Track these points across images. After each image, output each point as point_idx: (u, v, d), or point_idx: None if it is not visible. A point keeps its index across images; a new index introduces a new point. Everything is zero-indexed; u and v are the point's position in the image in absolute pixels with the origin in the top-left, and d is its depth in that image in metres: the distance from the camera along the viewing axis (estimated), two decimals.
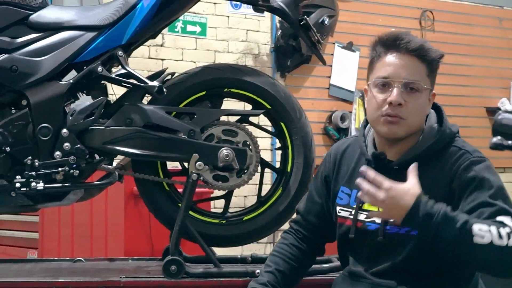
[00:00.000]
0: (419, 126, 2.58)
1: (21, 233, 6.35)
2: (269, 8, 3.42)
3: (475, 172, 2.47)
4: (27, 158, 3.24)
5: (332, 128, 8.07)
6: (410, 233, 2.50)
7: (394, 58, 2.54)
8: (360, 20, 8.30)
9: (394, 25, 8.44)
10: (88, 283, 3.18)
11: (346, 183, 2.72)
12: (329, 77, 8.15)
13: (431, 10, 8.81)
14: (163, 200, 3.43)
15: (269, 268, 2.77)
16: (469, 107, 8.97)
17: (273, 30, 7.89)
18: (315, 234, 2.86)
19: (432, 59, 2.56)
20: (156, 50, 7.24)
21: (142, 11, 3.31)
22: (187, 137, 3.30)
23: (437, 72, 2.60)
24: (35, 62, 3.27)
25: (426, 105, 2.58)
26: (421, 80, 2.53)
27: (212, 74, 3.42)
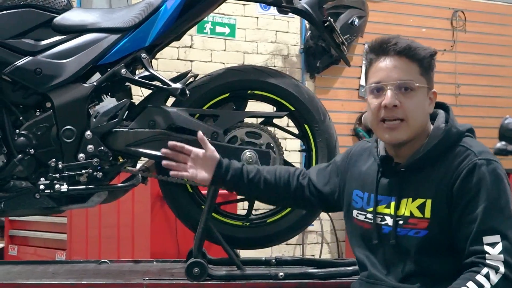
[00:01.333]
0: (421, 126, 2.54)
1: (50, 234, 6.40)
2: (292, 9, 3.40)
3: (476, 179, 2.41)
4: (51, 160, 3.26)
5: (362, 129, 8.03)
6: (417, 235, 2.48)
7: (384, 62, 2.52)
8: (391, 20, 8.24)
9: (425, 25, 8.40)
10: (111, 285, 3.18)
11: (359, 186, 2.70)
12: (359, 78, 8.11)
13: (463, 10, 8.72)
14: (186, 202, 3.43)
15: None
16: (503, 108, 8.86)
17: (302, 31, 7.86)
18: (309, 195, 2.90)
19: (422, 57, 2.52)
20: (185, 52, 7.25)
21: (165, 13, 3.31)
22: (211, 139, 3.29)
23: (433, 70, 2.56)
24: (59, 64, 3.28)
25: (425, 104, 2.54)
26: (414, 79, 2.50)
27: (235, 76, 3.40)
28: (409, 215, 2.50)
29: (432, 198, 2.47)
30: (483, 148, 2.49)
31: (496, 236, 2.35)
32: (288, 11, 3.49)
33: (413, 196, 2.50)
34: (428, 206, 2.47)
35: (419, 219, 2.48)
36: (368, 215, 2.63)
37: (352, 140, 7.98)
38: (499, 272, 2.32)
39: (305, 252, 7.89)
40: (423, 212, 2.47)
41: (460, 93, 8.61)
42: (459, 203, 2.43)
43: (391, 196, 2.56)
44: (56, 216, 5.88)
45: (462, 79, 8.63)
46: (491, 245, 2.35)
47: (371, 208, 2.62)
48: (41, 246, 6.51)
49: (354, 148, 2.84)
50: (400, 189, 2.54)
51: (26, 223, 6.68)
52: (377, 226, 2.58)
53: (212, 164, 2.88)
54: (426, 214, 2.47)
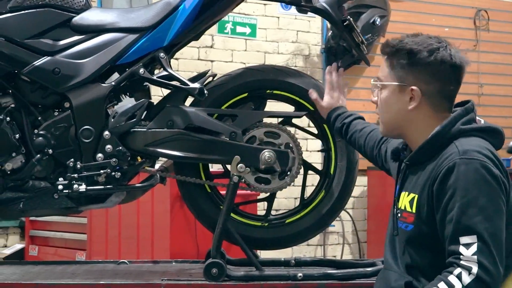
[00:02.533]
0: (395, 123, 2.58)
1: (71, 234, 6.41)
2: (311, 8, 3.38)
3: (454, 178, 2.36)
4: (70, 160, 3.26)
5: None
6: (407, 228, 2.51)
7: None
8: (413, 20, 8.19)
9: (448, 25, 8.34)
10: (129, 286, 3.18)
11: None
12: None
13: (486, 10, 8.65)
14: (205, 202, 3.41)
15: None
16: None
17: (323, 31, 7.84)
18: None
19: (392, 53, 2.56)
20: (206, 52, 7.25)
21: (184, 12, 3.30)
22: (229, 139, 3.28)
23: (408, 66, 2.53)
24: (78, 64, 3.28)
25: (397, 101, 2.55)
26: (383, 77, 2.59)
27: (254, 76, 3.39)
28: (403, 208, 2.55)
29: (418, 194, 2.48)
30: (471, 147, 2.41)
31: (473, 237, 2.30)
32: (307, 10, 3.47)
33: (409, 190, 2.54)
34: (415, 202, 2.49)
35: (408, 214, 2.51)
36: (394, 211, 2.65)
37: None
38: (472, 273, 2.27)
39: (326, 253, 7.86)
40: (412, 207, 2.50)
41: (483, 93, 8.54)
42: (440, 203, 2.40)
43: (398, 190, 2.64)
44: (76, 217, 5.89)
45: (485, 79, 8.56)
46: (466, 245, 2.30)
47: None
48: (62, 247, 6.52)
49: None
50: (401, 182, 2.61)
51: (46, 223, 6.70)
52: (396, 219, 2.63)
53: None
54: (413, 209, 2.49)
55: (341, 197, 3.43)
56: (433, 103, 2.55)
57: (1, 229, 7.13)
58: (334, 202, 3.43)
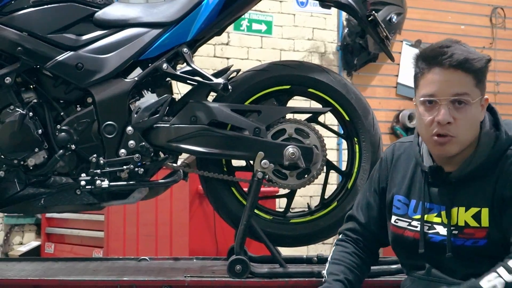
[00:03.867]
0: (473, 137, 2.46)
1: (87, 232, 6.40)
2: (336, 4, 3.34)
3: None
4: (92, 156, 3.24)
5: (400, 127, 7.96)
6: (476, 244, 2.43)
7: (438, 74, 2.42)
8: (429, 17, 8.17)
9: (464, 22, 8.31)
10: (152, 282, 3.15)
11: (403, 192, 2.61)
12: (397, 75, 8.05)
13: (502, 7, 8.62)
14: (228, 198, 3.39)
15: (337, 277, 2.65)
16: None
17: (339, 28, 7.81)
18: (375, 242, 2.77)
19: (478, 68, 2.41)
20: (222, 49, 7.23)
21: (207, 7, 3.27)
22: (253, 135, 3.25)
23: (485, 77, 2.46)
24: (100, 59, 3.26)
25: (479, 115, 2.46)
26: (469, 93, 2.40)
27: (279, 71, 3.36)
28: (463, 225, 2.44)
29: (488, 207, 2.41)
30: None
31: None
32: (331, 5, 3.44)
33: (466, 205, 2.44)
34: (485, 215, 2.41)
35: (476, 229, 2.42)
36: (413, 223, 2.56)
37: (390, 138, 7.90)
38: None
39: None
40: (479, 221, 2.42)
41: (500, 91, 8.51)
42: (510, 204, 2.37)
43: (440, 205, 2.50)
44: (93, 214, 5.88)
45: (501, 77, 8.53)
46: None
47: (418, 215, 2.55)
48: (78, 244, 6.52)
49: (389, 155, 2.73)
50: (451, 198, 2.48)
51: (62, 221, 6.69)
52: (424, 235, 2.51)
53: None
54: (483, 223, 2.41)
55: None
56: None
57: (17, 227, 7.14)
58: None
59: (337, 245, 2.78)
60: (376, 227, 2.73)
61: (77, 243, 6.54)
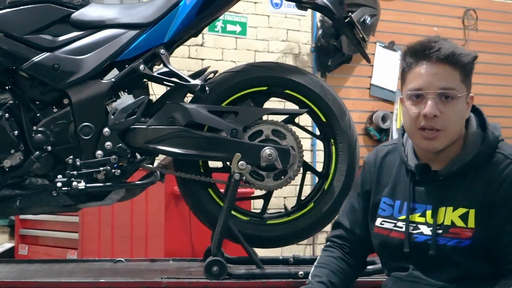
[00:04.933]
0: (459, 133, 2.48)
1: (62, 233, 6.36)
2: (313, 5, 3.36)
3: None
4: (69, 157, 3.22)
5: (373, 128, 8.00)
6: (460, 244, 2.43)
7: (425, 68, 2.43)
8: (403, 19, 8.21)
9: (437, 24, 8.36)
10: (130, 284, 3.14)
11: (388, 194, 2.61)
12: (370, 77, 8.08)
13: (475, 9, 8.68)
14: (205, 200, 3.39)
15: (320, 279, 2.64)
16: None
17: (314, 30, 7.83)
18: (361, 247, 2.75)
19: (465, 64, 2.43)
20: (196, 50, 7.22)
21: (184, 9, 3.28)
22: (230, 136, 3.25)
23: (472, 74, 2.49)
24: (77, 60, 3.25)
25: (464, 111, 2.47)
26: (456, 87, 2.42)
27: (257, 73, 3.36)
28: (449, 224, 2.44)
29: (476, 208, 2.41)
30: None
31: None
32: (308, 7, 3.46)
33: (454, 205, 2.44)
34: (472, 216, 2.41)
35: (462, 229, 2.42)
36: (398, 224, 2.56)
37: (363, 139, 7.94)
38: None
39: (315, 252, 7.85)
40: (466, 222, 2.42)
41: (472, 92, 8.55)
42: (501, 210, 2.38)
43: (426, 204, 2.50)
44: (68, 215, 5.85)
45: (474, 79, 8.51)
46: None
47: (403, 216, 2.55)
48: (52, 246, 6.47)
49: (372, 159, 2.72)
50: (438, 197, 2.48)
51: (37, 222, 6.65)
52: (409, 235, 2.51)
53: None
54: (469, 224, 2.41)
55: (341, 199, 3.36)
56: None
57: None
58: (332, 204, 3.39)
59: (324, 250, 2.78)
60: (361, 231, 2.72)
61: (51, 244, 6.50)
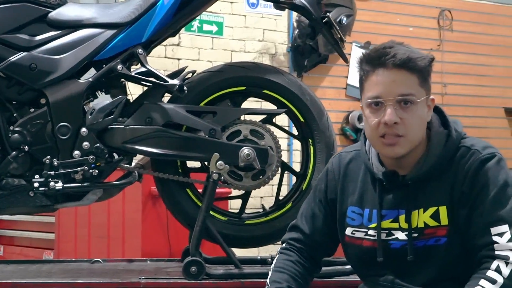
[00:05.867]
0: (421, 137, 2.46)
1: (37, 233, 6.32)
2: (291, 5, 3.37)
3: (483, 174, 2.37)
4: (46, 158, 3.21)
5: (350, 128, 8.02)
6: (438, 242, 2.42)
7: (382, 75, 2.39)
8: (379, 19, 8.24)
9: (412, 24, 8.40)
10: (107, 284, 3.13)
11: (356, 202, 2.58)
12: (347, 77, 8.10)
13: (450, 10, 8.73)
14: (183, 200, 3.38)
15: (279, 285, 2.61)
16: (489, 107, 8.89)
17: (290, 30, 7.84)
18: (319, 252, 2.73)
19: (422, 67, 2.41)
20: (173, 50, 7.21)
21: (162, 9, 3.27)
22: (208, 136, 3.25)
23: (430, 77, 2.46)
24: (54, 60, 3.23)
25: (425, 115, 2.45)
26: (414, 93, 2.38)
27: (235, 72, 3.36)
28: (423, 226, 2.42)
29: (446, 204, 2.40)
30: (484, 143, 2.45)
31: (504, 226, 2.31)
32: (285, 7, 3.46)
33: (424, 206, 2.43)
34: (444, 213, 2.40)
35: (436, 228, 2.41)
36: (370, 232, 2.52)
37: (339, 139, 7.95)
38: (509, 262, 2.28)
39: None
40: (439, 220, 2.41)
41: (447, 92, 8.61)
42: (468, 200, 2.38)
43: (398, 209, 2.47)
44: (44, 215, 5.81)
45: (448, 79, 8.63)
46: (499, 235, 2.30)
47: (374, 224, 2.51)
48: (28, 246, 6.43)
49: (335, 166, 2.67)
50: (409, 201, 2.45)
51: (12, 222, 6.61)
52: (383, 242, 2.49)
53: None
54: (442, 221, 2.40)
55: None
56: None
57: None
58: None
59: (281, 253, 2.74)
60: (320, 237, 2.68)
61: (27, 245, 6.46)
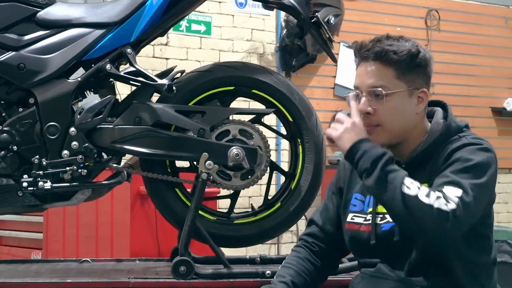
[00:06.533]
0: (403, 128, 2.53)
1: (26, 233, 6.31)
2: (280, 5, 3.37)
3: (459, 152, 2.42)
4: (35, 157, 3.20)
5: None
6: None
7: (361, 67, 2.56)
8: (366, 19, 8.26)
9: (400, 24, 8.43)
10: (96, 284, 3.13)
11: (360, 190, 2.67)
12: (334, 76, 8.12)
13: (437, 10, 8.77)
14: (172, 199, 3.38)
15: (283, 279, 2.67)
16: (476, 107, 8.93)
17: (278, 30, 7.85)
18: (331, 246, 2.78)
19: (396, 60, 2.50)
20: (161, 49, 7.21)
21: (151, 8, 3.27)
22: (197, 136, 3.25)
23: (421, 69, 2.54)
24: (43, 60, 3.23)
25: (408, 106, 2.52)
26: (387, 84, 2.50)
27: (223, 72, 3.36)
28: None
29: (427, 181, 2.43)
30: (479, 138, 2.50)
31: (458, 190, 2.33)
32: (274, 7, 3.47)
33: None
34: None
35: None
36: (367, 217, 2.60)
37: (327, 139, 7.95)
38: (446, 206, 2.29)
39: (280, 252, 7.87)
40: None
41: (434, 92, 8.60)
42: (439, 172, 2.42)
43: None
44: (32, 215, 5.80)
45: (436, 78, 8.56)
46: (450, 190, 2.32)
47: (371, 209, 2.59)
48: (16, 246, 6.42)
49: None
50: None
51: (0, 222, 6.58)
52: (376, 226, 2.55)
53: None
54: None
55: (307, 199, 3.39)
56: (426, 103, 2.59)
57: None
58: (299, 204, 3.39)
59: (293, 250, 2.81)
60: (332, 228, 2.76)
61: (15, 244, 6.45)
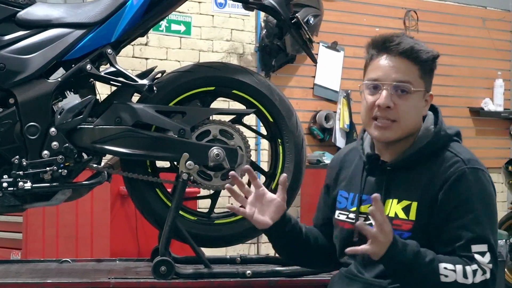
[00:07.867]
0: (413, 128, 2.54)
1: (4, 233, 6.26)
2: (260, 6, 3.38)
3: (464, 187, 2.44)
4: (15, 158, 3.20)
5: (317, 128, 8.05)
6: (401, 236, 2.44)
7: (384, 60, 2.51)
8: (345, 19, 8.28)
9: (378, 25, 8.44)
10: (77, 284, 3.14)
11: (344, 187, 2.68)
12: (314, 77, 8.13)
13: (415, 10, 8.80)
14: (152, 200, 3.39)
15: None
16: (454, 107, 8.97)
17: (258, 30, 7.85)
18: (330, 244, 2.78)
19: (424, 60, 2.51)
20: (141, 49, 7.19)
21: (131, 9, 3.27)
22: (177, 136, 3.26)
23: (433, 73, 2.56)
24: (23, 60, 3.23)
25: (421, 106, 2.54)
26: (412, 82, 2.49)
27: (204, 72, 3.37)
28: (393, 216, 2.49)
29: (418, 201, 2.46)
30: (471, 155, 2.51)
31: (484, 246, 2.40)
32: (254, 8, 3.48)
33: (399, 197, 2.50)
34: (414, 209, 2.47)
35: (403, 221, 2.48)
36: (350, 215, 2.62)
37: (307, 138, 7.98)
38: (485, 276, 2.38)
39: (259, 251, 7.88)
40: (408, 214, 2.48)
41: None
42: (444, 208, 2.44)
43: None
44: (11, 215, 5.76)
45: None
46: (480, 254, 2.40)
47: (354, 207, 2.61)
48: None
49: (335, 157, 2.82)
50: (385, 189, 2.53)
51: None
52: None
53: (277, 211, 2.56)
54: (410, 217, 2.47)
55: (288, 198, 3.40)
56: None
57: None
58: None
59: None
60: (323, 226, 2.78)
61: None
